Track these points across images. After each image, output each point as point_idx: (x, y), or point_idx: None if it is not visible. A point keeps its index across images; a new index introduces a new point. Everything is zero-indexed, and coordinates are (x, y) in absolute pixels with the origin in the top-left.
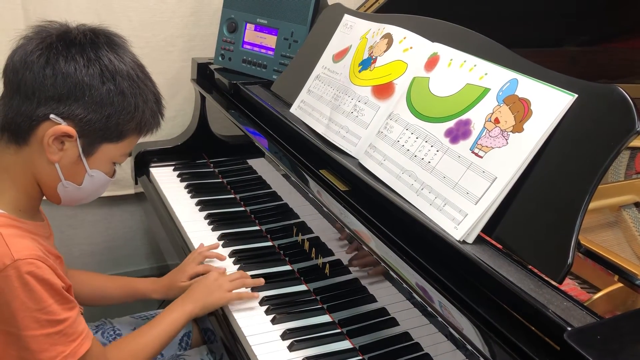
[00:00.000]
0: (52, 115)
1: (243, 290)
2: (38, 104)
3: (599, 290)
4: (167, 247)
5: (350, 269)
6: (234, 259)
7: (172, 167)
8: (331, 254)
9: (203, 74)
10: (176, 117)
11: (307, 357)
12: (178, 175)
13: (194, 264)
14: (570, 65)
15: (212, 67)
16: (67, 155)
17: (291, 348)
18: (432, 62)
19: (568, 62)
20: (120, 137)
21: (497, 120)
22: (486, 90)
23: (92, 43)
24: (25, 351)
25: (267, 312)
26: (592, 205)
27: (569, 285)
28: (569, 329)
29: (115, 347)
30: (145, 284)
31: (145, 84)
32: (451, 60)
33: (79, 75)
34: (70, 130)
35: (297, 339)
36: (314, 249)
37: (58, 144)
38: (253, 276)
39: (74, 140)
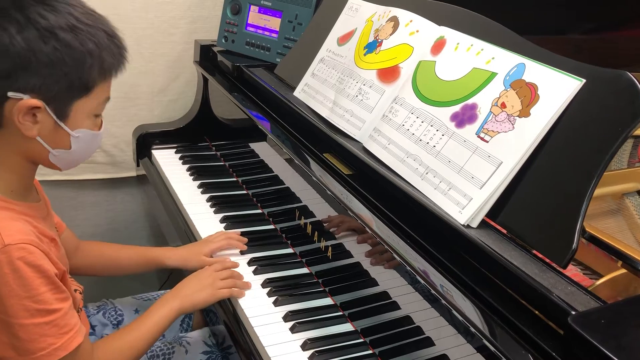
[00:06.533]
0: (10, 93)
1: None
2: None
3: (601, 276)
4: (169, 230)
5: (352, 252)
6: None
7: (174, 150)
8: (333, 237)
9: (206, 56)
10: (178, 100)
11: (309, 339)
12: (180, 158)
13: (220, 241)
14: (575, 53)
15: (215, 49)
16: (44, 126)
17: (293, 330)
18: (438, 45)
19: (572, 50)
20: (89, 89)
21: (503, 105)
22: (493, 75)
23: (15, 4)
24: (16, 339)
25: (269, 294)
26: (595, 192)
27: (572, 271)
28: (573, 312)
29: (102, 344)
30: (160, 250)
31: (91, 26)
32: (458, 44)
33: (16, 44)
34: (34, 102)
35: (299, 321)
36: (316, 232)
37: (30, 118)
38: (255, 259)
39: (43, 110)
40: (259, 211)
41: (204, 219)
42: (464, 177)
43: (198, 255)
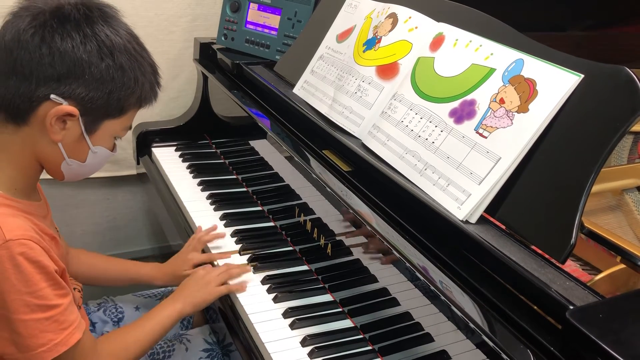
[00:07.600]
0: (52, 96)
1: (237, 279)
2: (37, 84)
3: (600, 272)
4: (170, 228)
5: (352, 249)
6: (235, 238)
7: (174, 148)
8: (333, 234)
9: (205, 54)
10: (178, 98)
11: (308, 335)
12: (180, 156)
13: (197, 253)
14: (574, 49)
15: (214, 47)
16: (70, 134)
17: (293, 326)
18: (437, 42)
19: (572, 46)
20: (122, 112)
21: (502, 101)
22: (492, 71)
23: (86, 18)
24: (16, 335)
25: (268, 291)
26: (595, 188)
27: (571, 266)
28: (571, 307)
29: (106, 340)
30: (148, 269)
31: (142, 56)
32: (457, 40)
33: (77, 52)
34: (73, 109)
35: (298, 317)
36: (316, 229)
37: (60, 124)
38: (255, 256)
39: (76, 119)
40: (259, 208)
41: (204, 216)
42: (463, 173)
43: (180, 273)
